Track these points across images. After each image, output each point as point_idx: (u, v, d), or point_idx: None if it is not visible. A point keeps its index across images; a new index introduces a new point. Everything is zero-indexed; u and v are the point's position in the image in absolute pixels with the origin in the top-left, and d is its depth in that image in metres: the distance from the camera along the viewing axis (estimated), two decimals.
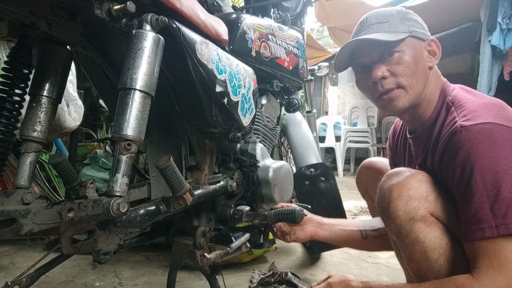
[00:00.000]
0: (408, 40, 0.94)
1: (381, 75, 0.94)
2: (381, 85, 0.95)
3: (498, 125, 0.80)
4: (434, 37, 0.99)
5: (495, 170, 0.77)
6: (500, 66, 3.40)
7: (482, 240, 0.78)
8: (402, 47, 0.93)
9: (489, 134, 0.80)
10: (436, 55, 0.97)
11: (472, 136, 0.80)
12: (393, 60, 0.93)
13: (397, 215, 0.87)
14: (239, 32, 1.20)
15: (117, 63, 0.88)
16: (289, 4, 1.93)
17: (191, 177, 1.10)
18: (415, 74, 0.94)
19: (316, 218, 1.25)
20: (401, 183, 0.88)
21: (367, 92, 1.03)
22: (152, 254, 1.94)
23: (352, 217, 2.89)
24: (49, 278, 1.61)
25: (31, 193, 0.80)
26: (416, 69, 0.94)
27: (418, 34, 0.96)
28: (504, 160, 0.77)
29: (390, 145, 1.27)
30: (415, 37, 0.95)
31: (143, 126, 0.70)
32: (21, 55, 0.83)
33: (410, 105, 0.96)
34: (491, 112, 0.84)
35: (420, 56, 0.95)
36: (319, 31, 9.53)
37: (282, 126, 1.99)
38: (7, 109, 0.82)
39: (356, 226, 1.24)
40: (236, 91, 1.04)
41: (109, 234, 0.79)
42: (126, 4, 0.69)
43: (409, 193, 0.86)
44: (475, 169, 0.79)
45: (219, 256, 1.00)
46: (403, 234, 0.88)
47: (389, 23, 0.95)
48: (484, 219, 0.78)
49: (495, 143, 0.79)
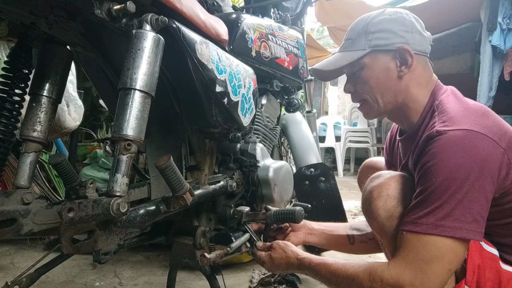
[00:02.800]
0: (371, 55, 0.95)
1: (347, 90, 1.03)
2: (351, 96, 1.05)
3: (472, 132, 0.80)
4: (434, 37, 0.99)
5: (450, 177, 0.78)
6: (500, 66, 3.39)
7: (409, 233, 0.80)
8: (364, 63, 0.96)
9: (459, 140, 0.79)
10: (407, 63, 0.93)
11: (443, 141, 0.81)
12: (356, 78, 0.99)
13: (377, 214, 0.89)
14: (239, 32, 1.19)
15: (117, 63, 0.88)
16: (289, 4, 1.93)
17: (191, 177, 1.10)
18: (377, 88, 0.96)
19: (307, 224, 1.25)
20: (381, 184, 0.91)
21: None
22: (152, 254, 1.94)
23: (352, 217, 2.89)
24: (49, 278, 1.61)
25: (31, 193, 0.80)
26: (378, 83, 0.96)
27: (383, 47, 0.94)
28: (464, 169, 0.77)
29: (387, 149, 1.28)
30: (379, 51, 0.94)
31: (143, 126, 0.70)
32: (21, 55, 0.83)
33: (380, 114, 1.01)
34: (469, 118, 0.84)
35: (384, 69, 0.95)
36: (319, 31, 9.53)
37: (282, 126, 1.99)
38: (7, 109, 0.81)
39: (344, 230, 1.25)
40: (236, 91, 1.04)
41: (109, 234, 0.78)
42: (126, 4, 0.69)
43: (387, 192, 0.89)
44: (433, 171, 0.80)
45: (219, 256, 1.00)
46: (385, 232, 0.89)
47: (352, 40, 0.98)
48: (421, 215, 0.79)
49: (462, 150, 0.79)
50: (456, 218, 0.77)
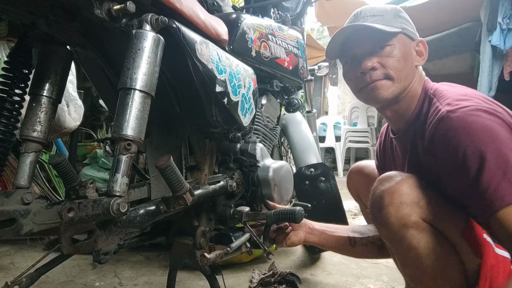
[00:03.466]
0: (400, 36, 0.97)
1: (371, 66, 0.96)
2: (369, 75, 0.97)
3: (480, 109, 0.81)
4: (434, 37, 1.00)
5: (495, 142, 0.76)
6: (500, 66, 3.39)
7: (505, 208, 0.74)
8: (394, 41, 0.96)
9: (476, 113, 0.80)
10: (422, 56, 1.01)
11: (461, 118, 0.80)
12: (384, 53, 0.96)
13: (389, 222, 0.86)
14: (239, 32, 1.19)
15: (117, 63, 0.88)
16: (289, 4, 1.93)
17: (191, 177, 1.10)
18: (403, 69, 0.96)
19: (308, 223, 1.25)
20: (392, 189, 0.87)
21: (352, 83, 1.04)
22: (152, 254, 1.94)
23: (352, 217, 2.89)
24: (49, 278, 1.61)
25: (31, 193, 0.80)
26: (405, 64, 0.97)
27: (409, 33, 0.99)
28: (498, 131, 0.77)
29: (378, 152, 1.28)
30: (406, 35, 0.98)
31: (143, 126, 0.70)
32: (21, 55, 0.83)
33: (393, 97, 0.98)
34: (472, 100, 0.85)
35: (409, 53, 0.98)
36: (319, 31, 9.51)
37: (282, 126, 1.99)
38: (7, 109, 0.81)
39: (345, 232, 1.24)
40: (236, 91, 1.04)
41: (109, 234, 0.79)
42: (126, 4, 0.69)
43: (400, 199, 0.86)
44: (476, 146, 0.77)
45: (219, 256, 1.00)
46: (395, 240, 0.87)
47: (383, 16, 0.98)
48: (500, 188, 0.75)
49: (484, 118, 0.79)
50: None
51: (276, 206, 1.26)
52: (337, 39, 1.02)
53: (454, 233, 0.86)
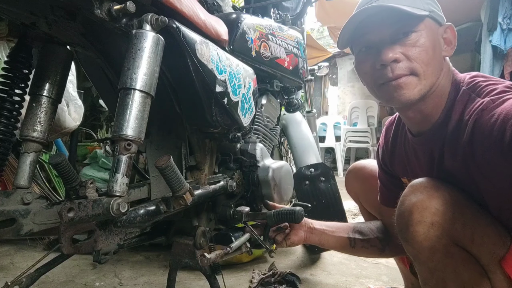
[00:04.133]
0: (427, 21, 0.81)
1: (393, 57, 0.79)
2: (391, 69, 0.80)
3: None
4: None
5: None
6: (501, 66, 3.40)
7: None
8: (421, 27, 0.79)
9: None
10: (451, 45, 0.85)
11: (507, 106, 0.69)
12: (409, 42, 0.79)
13: (416, 241, 0.77)
14: (239, 32, 1.19)
15: (117, 63, 0.87)
16: (289, 4, 1.93)
17: (191, 177, 1.10)
18: (431, 61, 0.80)
19: (308, 222, 1.23)
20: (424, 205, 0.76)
21: (368, 77, 0.88)
22: (152, 254, 1.94)
23: (352, 217, 2.89)
24: (49, 278, 1.61)
25: (31, 193, 0.80)
26: (433, 56, 0.81)
27: (436, 16, 0.83)
28: None
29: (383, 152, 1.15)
30: (433, 19, 0.82)
31: (143, 126, 0.70)
32: (21, 55, 0.83)
33: (420, 97, 0.82)
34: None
35: (437, 42, 0.82)
36: (319, 31, 9.53)
37: (282, 126, 1.99)
38: (7, 109, 0.81)
39: (346, 232, 1.21)
40: (236, 91, 1.04)
41: (109, 234, 0.78)
42: (126, 4, 0.69)
43: (432, 219, 0.75)
44: None
45: (219, 256, 1.00)
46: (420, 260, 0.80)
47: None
48: None
49: None
50: None
51: (276, 206, 1.26)
52: (350, 24, 0.85)
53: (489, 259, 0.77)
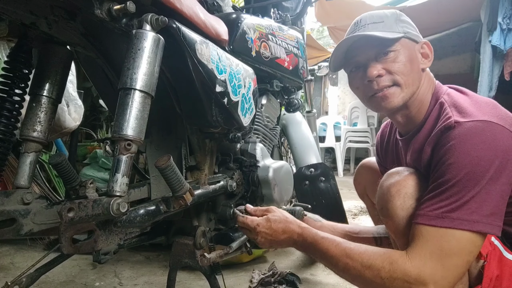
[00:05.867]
0: (403, 40, 0.95)
1: (376, 73, 0.94)
2: (376, 83, 0.96)
3: (491, 123, 0.80)
4: (434, 37, 0.99)
5: (471, 171, 0.77)
6: (500, 66, 3.40)
7: (427, 226, 0.79)
8: (397, 46, 0.94)
9: (480, 132, 0.79)
10: (428, 58, 0.99)
11: (464, 131, 0.81)
12: (389, 59, 0.94)
13: (395, 213, 0.88)
14: (239, 32, 1.19)
15: (117, 63, 0.88)
16: (289, 4, 1.93)
17: (191, 177, 1.10)
18: (410, 73, 0.95)
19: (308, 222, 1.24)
20: (399, 182, 0.89)
21: (360, 92, 1.03)
22: (152, 254, 1.94)
23: (352, 217, 2.89)
24: (49, 278, 1.61)
25: (31, 193, 0.80)
26: (411, 68, 0.95)
27: (412, 36, 0.97)
28: (485, 162, 0.77)
29: (378, 149, 1.27)
30: (409, 39, 0.97)
31: (143, 126, 0.70)
32: (21, 55, 0.83)
33: (404, 103, 0.97)
34: (485, 110, 0.84)
35: (414, 57, 0.97)
36: (319, 31, 9.53)
37: (282, 126, 1.99)
38: (7, 109, 0.81)
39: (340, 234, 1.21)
40: (236, 91, 1.04)
41: (109, 234, 0.78)
42: (126, 4, 0.69)
43: (405, 191, 0.88)
44: (453, 162, 0.79)
45: (219, 256, 1.00)
46: (401, 232, 0.88)
47: (384, 23, 0.97)
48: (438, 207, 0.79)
49: (484, 142, 0.78)
50: (473, 211, 0.76)
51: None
52: (339, 50, 1.01)
53: None
